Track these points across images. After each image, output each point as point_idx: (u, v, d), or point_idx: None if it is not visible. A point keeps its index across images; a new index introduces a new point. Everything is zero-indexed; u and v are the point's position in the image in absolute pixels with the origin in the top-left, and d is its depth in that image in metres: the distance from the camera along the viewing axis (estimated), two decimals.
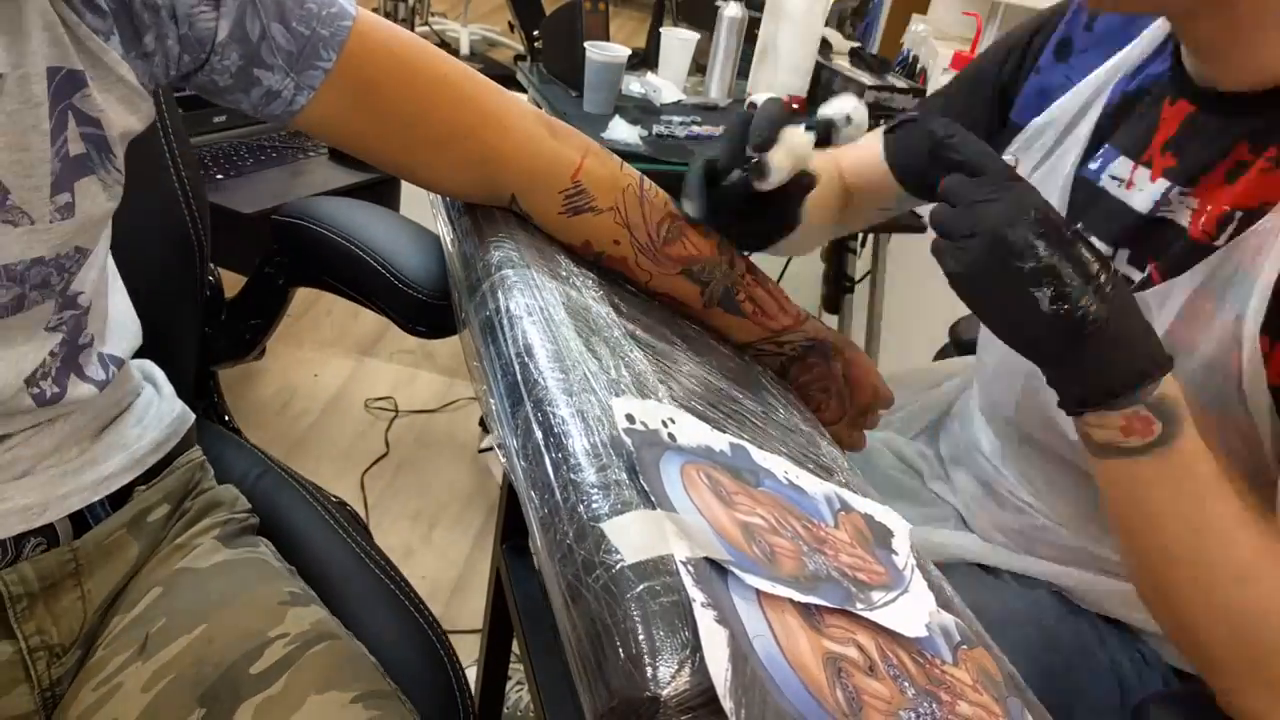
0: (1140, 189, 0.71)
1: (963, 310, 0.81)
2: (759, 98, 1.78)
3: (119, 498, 0.72)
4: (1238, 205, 0.64)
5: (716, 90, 1.81)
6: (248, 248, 1.47)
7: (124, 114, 0.59)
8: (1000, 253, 0.57)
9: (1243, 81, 0.64)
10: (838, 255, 2.10)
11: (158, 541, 0.75)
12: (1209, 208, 0.66)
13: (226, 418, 1.05)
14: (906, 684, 0.45)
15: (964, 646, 0.52)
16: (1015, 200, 0.58)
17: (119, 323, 0.74)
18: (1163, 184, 0.69)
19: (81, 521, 0.70)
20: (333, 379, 2.15)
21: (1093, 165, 0.76)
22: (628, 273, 0.74)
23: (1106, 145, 0.75)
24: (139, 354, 0.80)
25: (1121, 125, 0.75)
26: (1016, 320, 0.59)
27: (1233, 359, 0.62)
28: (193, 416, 0.81)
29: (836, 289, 2.11)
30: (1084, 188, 0.76)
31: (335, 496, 0.90)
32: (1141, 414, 0.58)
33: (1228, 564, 0.59)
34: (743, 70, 1.82)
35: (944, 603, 0.54)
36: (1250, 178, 0.63)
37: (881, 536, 0.56)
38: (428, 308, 0.82)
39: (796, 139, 0.69)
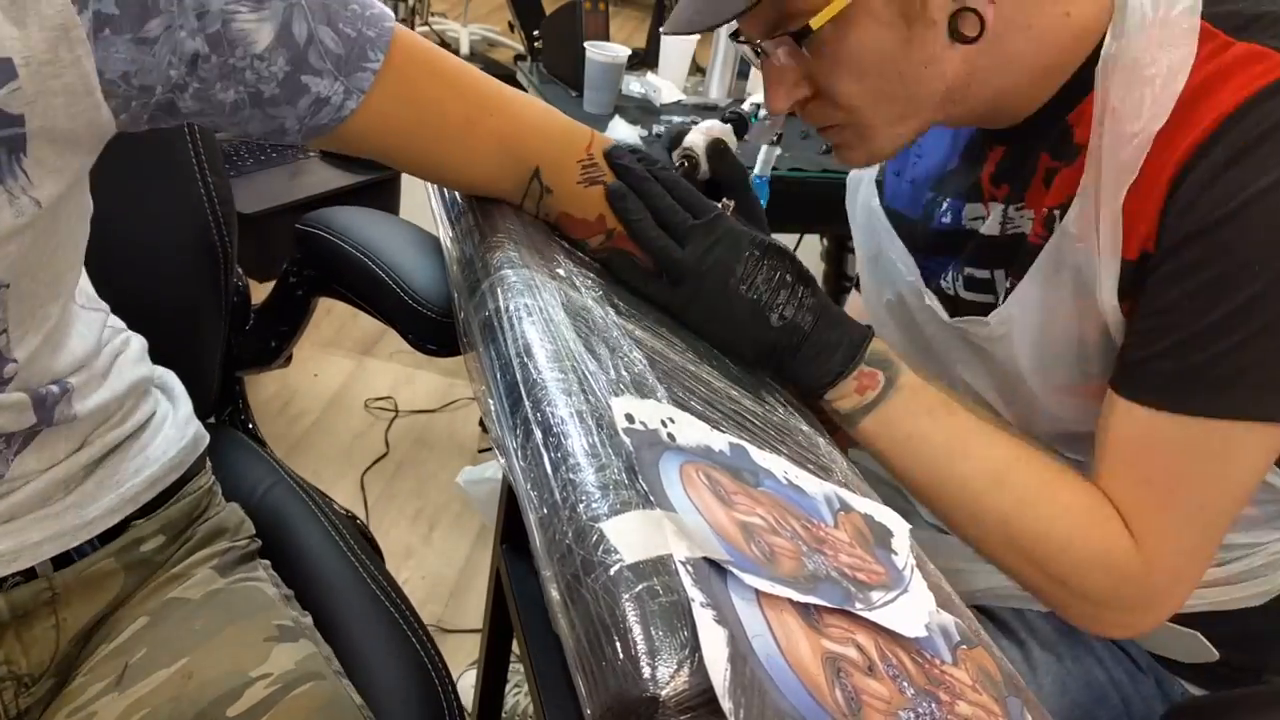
0: (988, 218, 0.80)
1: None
2: (760, 98, 1.78)
3: (110, 531, 0.69)
4: (1055, 204, 0.72)
5: (716, 90, 1.81)
6: (247, 248, 1.47)
7: (60, 112, 0.51)
8: (733, 286, 0.67)
9: (1021, 114, 0.73)
10: (837, 255, 2.10)
11: (151, 570, 0.72)
12: (1040, 212, 0.74)
13: (250, 425, 1.04)
14: (906, 684, 0.45)
15: (963, 646, 0.52)
16: (733, 239, 0.68)
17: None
18: (1000, 206, 0.77)
19: (64, 554, 0.67)
20: (333, 379, 2.15)
21: (945, 219, 0.83)
22: (636, 251, 0.73)
23: (946, 199, 0.83)
24: (159, 360, 0.79)
25: (951, 179, 0.83)
26: (752, 338, 0.69)
27: (1091, 334, 0.69)
28: (206, 439, 0.79)
29: (836, 288, 2.11)
30: (956, 234, 0.83)
31: (344, 509, 0.90)
32: (865, 370, 0.69)
33: (979, 473, 0.68)
34: (742, 70, 1.82)
35: (944, 602, 0.54)
36: (1058, 179, 0.72)
37: (881, 536, 0.56)
38: (439, 326, 0.82)
39: (713, 125, 0.80)
